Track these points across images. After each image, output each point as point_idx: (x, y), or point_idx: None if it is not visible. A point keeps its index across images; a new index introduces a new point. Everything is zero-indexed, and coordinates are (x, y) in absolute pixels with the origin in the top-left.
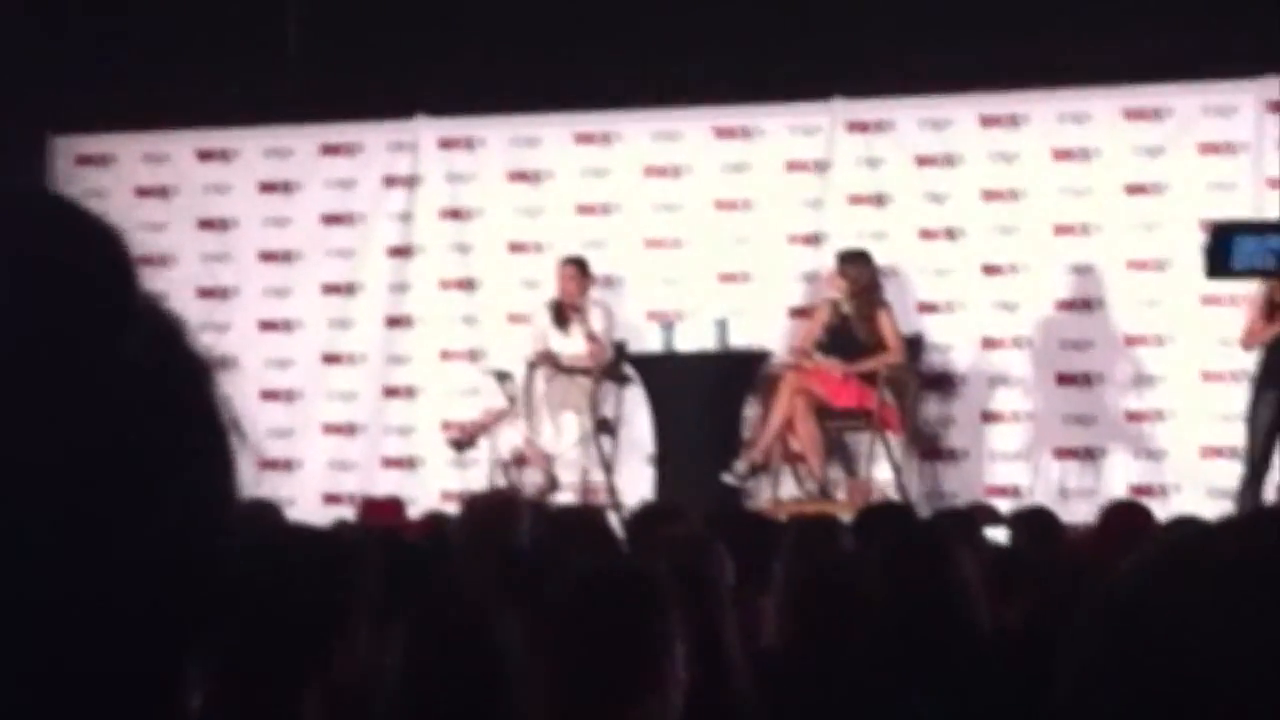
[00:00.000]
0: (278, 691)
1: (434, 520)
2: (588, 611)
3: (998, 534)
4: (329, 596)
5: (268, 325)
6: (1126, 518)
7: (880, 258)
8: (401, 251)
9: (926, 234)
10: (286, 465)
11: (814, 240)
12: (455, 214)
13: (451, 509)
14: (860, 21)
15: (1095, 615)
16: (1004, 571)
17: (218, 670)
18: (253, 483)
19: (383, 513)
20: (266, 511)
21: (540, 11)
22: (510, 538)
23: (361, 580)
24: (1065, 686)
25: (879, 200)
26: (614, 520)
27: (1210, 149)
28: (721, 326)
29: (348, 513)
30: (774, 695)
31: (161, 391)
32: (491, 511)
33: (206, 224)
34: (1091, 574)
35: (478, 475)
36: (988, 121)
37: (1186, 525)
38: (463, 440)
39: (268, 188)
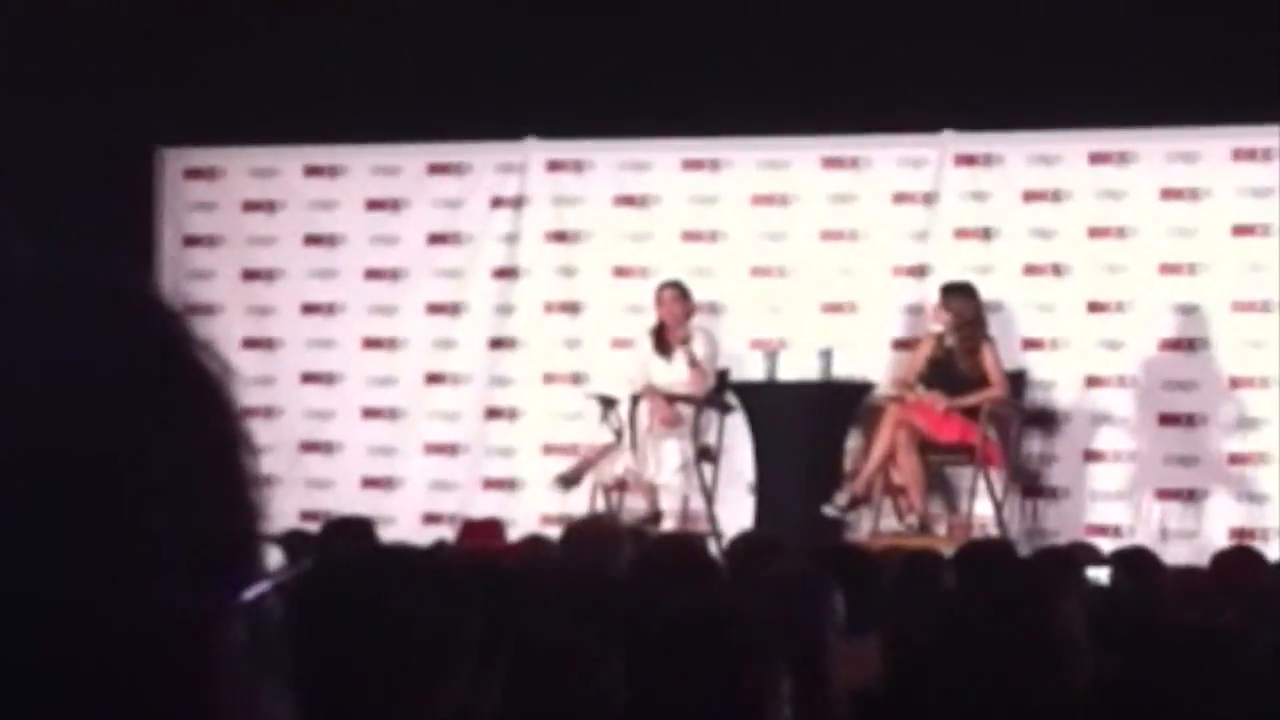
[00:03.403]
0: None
1: (533, 543)
2: (687, 655)
3: (1099, 574)
4: (438, 631)
5: (372, 343)
6: (1238, 565)
7: (985, 292)
8: (507, 273)
9: (1032, 269)
10: (388, 484)
11: (919, 272)
12: (561, 237)
13: (551, 532)
14: (972, 56)
15: None
16: (1104, 612)
17: (312, 700)
18: (354, 500)
19: (482, 534)
20: (361, 529)
21: (653, 38)
22: (610, 567)
23: (468, 616)
24: None
25: (985, 234)
26: (713, 549)
27: None
28: (825, 357)
29: (447, 533)
30: None
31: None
32: (592, 540)
33: (313, 240)
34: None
35: (579, 499)
36: (1096, 159)
37: None
38: (570, 478)
39: (375, 205)
